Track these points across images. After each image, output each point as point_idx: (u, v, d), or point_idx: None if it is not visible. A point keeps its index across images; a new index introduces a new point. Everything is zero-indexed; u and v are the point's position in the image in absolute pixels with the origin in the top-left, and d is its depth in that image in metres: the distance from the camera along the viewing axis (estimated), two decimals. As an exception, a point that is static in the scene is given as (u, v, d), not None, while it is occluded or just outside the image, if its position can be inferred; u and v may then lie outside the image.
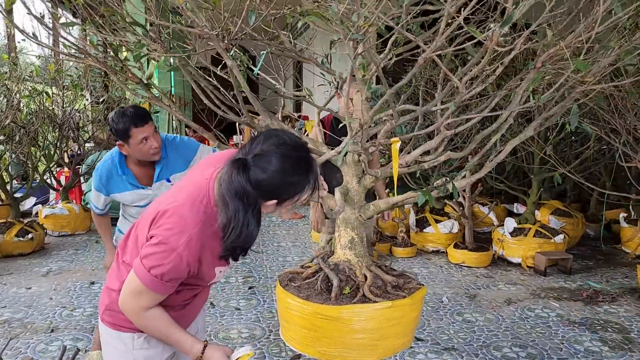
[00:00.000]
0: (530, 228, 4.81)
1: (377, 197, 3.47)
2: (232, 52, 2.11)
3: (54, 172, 6.22)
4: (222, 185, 1.30)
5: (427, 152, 2.33)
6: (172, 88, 9.32)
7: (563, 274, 4.52)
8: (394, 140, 2.10)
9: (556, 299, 3.93)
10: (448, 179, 2.19)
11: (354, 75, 2.08)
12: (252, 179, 1.28)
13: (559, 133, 4.72)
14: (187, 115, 8.76)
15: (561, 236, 4.73)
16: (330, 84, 2.65)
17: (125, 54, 1.97)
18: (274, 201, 1.34)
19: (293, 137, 1.36)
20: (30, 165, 5.82)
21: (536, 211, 5.18)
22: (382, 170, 2.33)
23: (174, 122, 9.02)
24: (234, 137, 9.70)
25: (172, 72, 9.02)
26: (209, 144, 2.71)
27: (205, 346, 1.39)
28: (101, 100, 6.53)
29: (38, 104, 5.44)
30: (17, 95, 5.26)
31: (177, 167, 2.51)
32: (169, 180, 2.49)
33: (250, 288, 4.13)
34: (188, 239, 1.30)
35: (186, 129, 9.19)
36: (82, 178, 6.53)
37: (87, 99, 6.45)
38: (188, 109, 9.77)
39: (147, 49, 1.89)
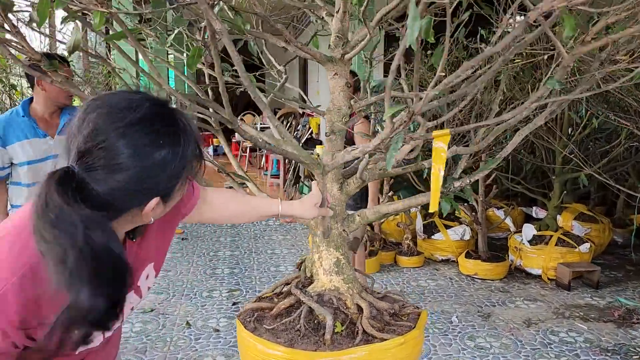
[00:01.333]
0: (551, 235, 4.28)
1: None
2: (217, 10, 1.62)
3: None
4: (35, 221, 0.78)
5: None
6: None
7: (589, 288, 4.00)
8: (441, 132, 1.44)
9: (583, 320, 3.41)
10: (469, 179, 1.70)
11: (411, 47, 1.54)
12: (89, 195, 0.80)
13: (584, 129, 4.19)
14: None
15: (587, 245, 4.20)
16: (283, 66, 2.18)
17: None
18: (153, 201, 0.86)
19: (123, 95, 0.88)
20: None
21: (558, 216, 4.64)
22: (371, 170, 1.85)
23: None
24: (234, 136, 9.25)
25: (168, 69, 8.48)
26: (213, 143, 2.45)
27: None
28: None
29: (10, 98, 5.05)
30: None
31: None
32: None
33: (234, 304, 3.67)
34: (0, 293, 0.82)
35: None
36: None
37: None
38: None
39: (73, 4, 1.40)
